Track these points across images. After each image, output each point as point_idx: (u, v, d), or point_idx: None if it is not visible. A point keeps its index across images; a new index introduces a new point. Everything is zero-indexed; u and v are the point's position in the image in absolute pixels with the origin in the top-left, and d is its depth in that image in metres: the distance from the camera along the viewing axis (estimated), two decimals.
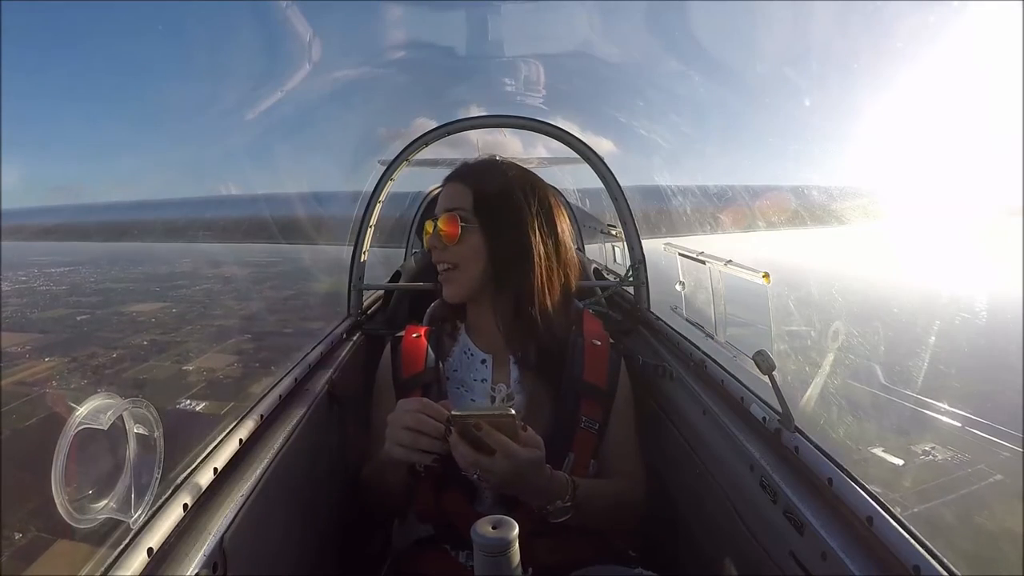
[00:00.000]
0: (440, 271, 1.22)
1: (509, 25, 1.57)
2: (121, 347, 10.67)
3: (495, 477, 0.90)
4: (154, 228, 3.36)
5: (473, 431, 0.88)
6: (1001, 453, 3.29)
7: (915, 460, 2.10)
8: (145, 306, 12.09)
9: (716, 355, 1.35)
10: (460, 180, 1.22)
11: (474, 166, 1.27)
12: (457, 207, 1.19)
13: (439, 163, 3.22)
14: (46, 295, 9.53)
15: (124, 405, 0.70)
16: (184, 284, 11.98)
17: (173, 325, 11.23)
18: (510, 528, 0.75)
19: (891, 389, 1.10)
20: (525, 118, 1.87)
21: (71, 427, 0.63)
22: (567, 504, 1.00)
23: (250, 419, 1.05)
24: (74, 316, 9.94)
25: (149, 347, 11.14)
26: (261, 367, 12.74)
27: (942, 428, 1.79)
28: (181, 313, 11.78)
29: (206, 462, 0.89)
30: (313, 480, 1.17)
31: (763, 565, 0.93)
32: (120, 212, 3.09)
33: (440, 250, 1.20)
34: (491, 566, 0.74)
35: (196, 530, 0.79)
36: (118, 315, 11.21)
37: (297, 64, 1.51)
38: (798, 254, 1.40)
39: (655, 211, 2.10)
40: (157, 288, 12.01)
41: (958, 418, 2.09)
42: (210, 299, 11.90)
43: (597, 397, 1.18)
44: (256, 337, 7.82)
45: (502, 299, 1.20)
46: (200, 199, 2.62)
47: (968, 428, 2.17)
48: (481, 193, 1.19)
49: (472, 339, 1.26)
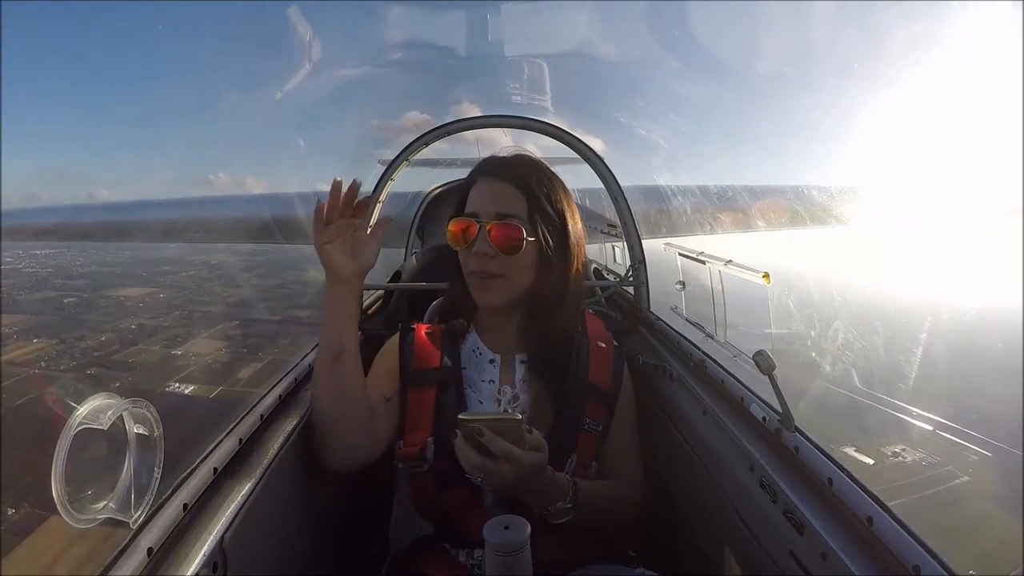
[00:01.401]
0: (478, 277, 1.12)
1: (509, 25, 1.57)
2: (109, 330, 10.85)
3: (497, 481, 0.90)
4: (153, 228, 3.38)
5: (476, 436, 0.89)
6: (970, 456, 3.35)
7: (885, 461, 2.13)
8: (133, 290, 12.28)
9: (716, 355, 1.35)
10: (507, 179, 1.12)
11: (516, 164, 1.16)
12: (512, 213, 1.09)
13: (439, 163, 3.23)
14: (32, 277, 9.67)
15: (124, 405, 0.70)
16: (171, 270, 12.20)
17: (161, 310, 11.45)
18: (523, 528, 0.75)
19: (866, 392, 1.10)
20: (525, 118, 1.87)
21: (71, 427, 0.63)
22: (568, 506, 1.00)
23: (250, 419, 1.05)
24: (61, 299, 10.09)
25: (138, 331, 11.32)
26: (249, 353, 12.96)
27: (914, 431, 1.83)
28: (169, 298, 11.99)
29: (206, 462, 0.89)
30: (313, 480, 1.17)
31: (763, 565, 0.93)
32: (120, 212, 3.11)
33: (488, 257, 1.10)
34: (504, 566, 0.74)
35: (196, 530, 0.79)
36: (105, 299, 11.37)
37: (297, 64, 1.51)
38: (784, 256, 1.40)
39: (655, 211, 2.10)
40: (143, 273, 12.21)
41: (930, 422, 2.13)
42: (197, 285, 12.08)
43: (601, 399, 1.18)
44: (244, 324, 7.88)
45: (531, 301, 1.17)
46: (199, 199, 2.64)
47: (939, 432, 2.22)
48: (536, 202, 1.10)
49: (481, 338, 1.23)
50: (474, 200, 1.14)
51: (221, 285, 14.38)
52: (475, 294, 1.15)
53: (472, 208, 1.13)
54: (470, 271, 1.14)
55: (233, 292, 14.69)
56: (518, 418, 0.91)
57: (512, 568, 0.73)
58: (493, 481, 0.91)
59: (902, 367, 3.18)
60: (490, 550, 0.74)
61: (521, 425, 0.91)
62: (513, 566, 0.73)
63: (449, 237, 1.15)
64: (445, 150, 2.26)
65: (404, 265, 2.15)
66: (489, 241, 1.09)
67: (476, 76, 1.93)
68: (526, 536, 0.74)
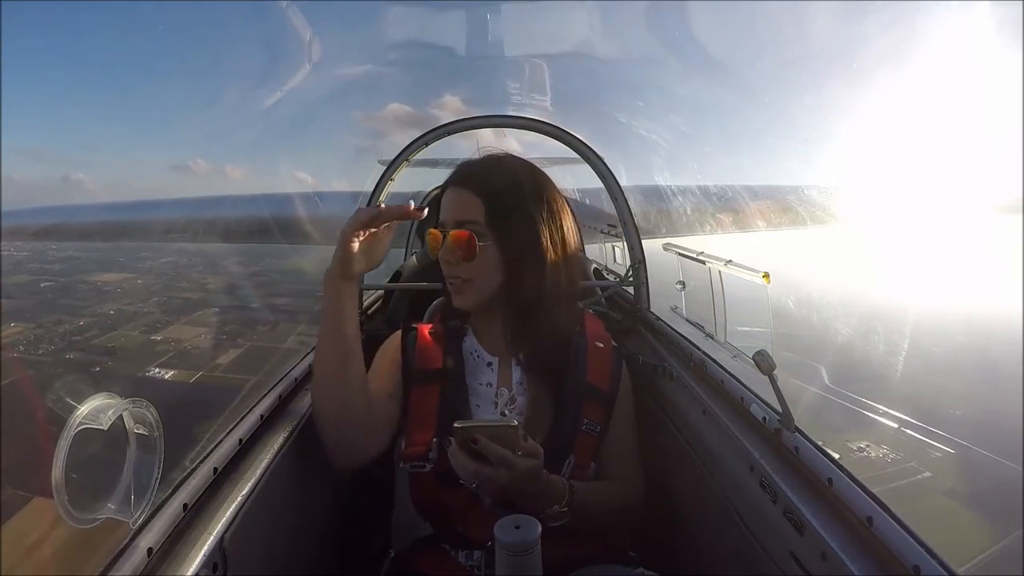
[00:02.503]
0: (450, 283, 1.16)
1: (509, 25, 1.58)
2: (88, 315, 10.86)
3: (493, 486, 0.92)
4: (152, 228, 3.39)
5: (471, 444, 0.90)
6: (932, 453, 3.45)
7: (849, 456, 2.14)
8: (110, 276, 12.26)
9: (716, 355, 1.35)
10: (468, 186, 1.13)
11: (480, 168, 1.18)
12: (469, 220, 1.11)
13: (439, 163, 3.22)
14: (8, 260, 9.67)
15: (124, 405, 0.70)
16: (148, 256, 12.23)
17: (140, 296, 11.46)
18: (534, 527, 0.74)
19: (834, 390, 1.11)
20: (525, 118, 1.87)
21: (71, 427, 0.63)
22: (563, 509, 1.01)
23: (250, 419, 1.05)
24: (38, 283, 10.10)
25: (117, 316, 11.29)
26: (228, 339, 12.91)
27: (879, 428, 1.87)
28: (147, 284, 12.00)
29: (206, 462, 0.89)
30: (313, 480, 1.17)
31: (763, 565, 0.93)
32: (119, 212, 3.12)
33: (452, 264, 1.13)
34: (515, 566, 0.73)
35: (196, 530, 0.79)
36: (83, 283, 11.38)
37: (297, 64, 1.51)
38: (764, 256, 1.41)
39: (655, 211, 2.10)
40: (121, 259, 12.23)
41: (895, 420, 2.17)
42: (175, 272, 12.13)
43: (599, 400, 1.18)
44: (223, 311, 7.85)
45: (511, 303, 1.17)
46: (198, 199, 2.65)
47: (903, 429, 2.26)
48: (493, 202, 1.11)
49: (479, 340, 1.23)
50: (443, 209, 1.17)
51: (199, 272, 14.37)
52: (452, 298, 1.19)
53: (441, 217, 1.17)
54: (445, 276, 1.18)
55: (212, 279, 14.70)
56: (514, 424, 0.92)
57: (523, 568, 0.73)
58: (488, 486, 0.92)
59: (873, 365, 3.29)
60: (501, 549, 0.73)
61: (517, 431, 0.91)
62: (524, 566, 0.73)
63: (428, 247, 1.20)
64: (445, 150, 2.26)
65: (404, 265, 2.15)
66: (449, 248, 1.12)
67: (476, 76, 1.93)
68: (537, 535, 0.74)
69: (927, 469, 2.81)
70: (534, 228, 1.12)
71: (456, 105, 1.96)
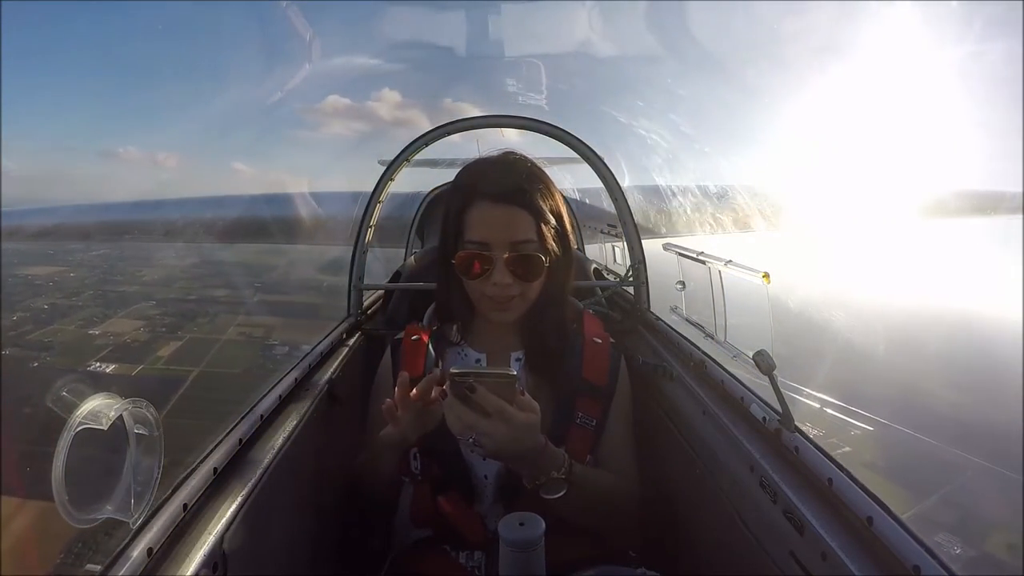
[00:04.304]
0: (497, 302, 1.12)
1: (509, 25, 1.58)
2: (21, 309, 10.71)
3: (490, 441, 0.87)
4: (152, 228, 3.39)
5: (468, 392, 0.85)
6: (851, 431, 3.76)
7: None
8: (40, 269, 12.06)
9: (716, 355, 1.35)
10: (518, 204, 1.09)
11: (518, 179, 1.12)
12: (525, 239, 1.09)
13: (439, 163, 3.22)
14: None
15: (124, 405, 0.70)
16: (79, 248, 12.11)
17: (73, 289, 11.34)
18: (538, 524, 0.74)
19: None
20: (525, 118, 1.86)
21: (71, 427, 0.63)
22: (562, 476, 0.97)
23: (250, 419, 1.05)
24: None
25: (51, 311, 11.12)
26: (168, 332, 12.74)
27: (801, 408, 1.93)
28: (80, 277, 11.90)
29: (205, 462, 0.89)
30: (313, 480, 1.17)
31: (763, 565, 0.93)
32: (118, 212, 3.12)
33: (505, 285, 1.09)
34: (520, 563, 0.73)
35: (196, 530, 0.79)
36: (12, 276, 11.24)
37: (297, 64, 1.51)
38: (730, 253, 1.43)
39: (655, 211, 2.10)
40: (50, 251, 12.07)
41: (817, 400, 2.28)
42: (108, 265, 12.03)
43: (595, 395, 1.18)
44: (160, 304, 7.74)
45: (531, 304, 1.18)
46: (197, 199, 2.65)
47: (825, 409, 2.38)
48: (542, 217, 1.11)
49: (467, 339, 1.25)
50: (479, 227, 1.10)
51: (134, 265, 14.14)
52: (491, 315, 1.16)
53: (480, 236, 1.10)
54: (487, 297, 1.12)
55: (147, 272, 14.50)
56: (513, 374, 0.87)
57: (527, 565, 0.73)
58: (486, 442, 0.87)
59: (805, 355, 3.55)
60: (505, 547, 0.73)
61: (515, 383, 0.86)
62: (528, 563, 0.73)
63: (459, 269, 1.13)
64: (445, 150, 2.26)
65: (404, 265, 2.15)
66: (508, 272, 1.08)
67: (477, 76, 1.93)
68: (541, 532, 0.73)
69: (847, 444, 3.09)
70: (564, 230, 1.16)
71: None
